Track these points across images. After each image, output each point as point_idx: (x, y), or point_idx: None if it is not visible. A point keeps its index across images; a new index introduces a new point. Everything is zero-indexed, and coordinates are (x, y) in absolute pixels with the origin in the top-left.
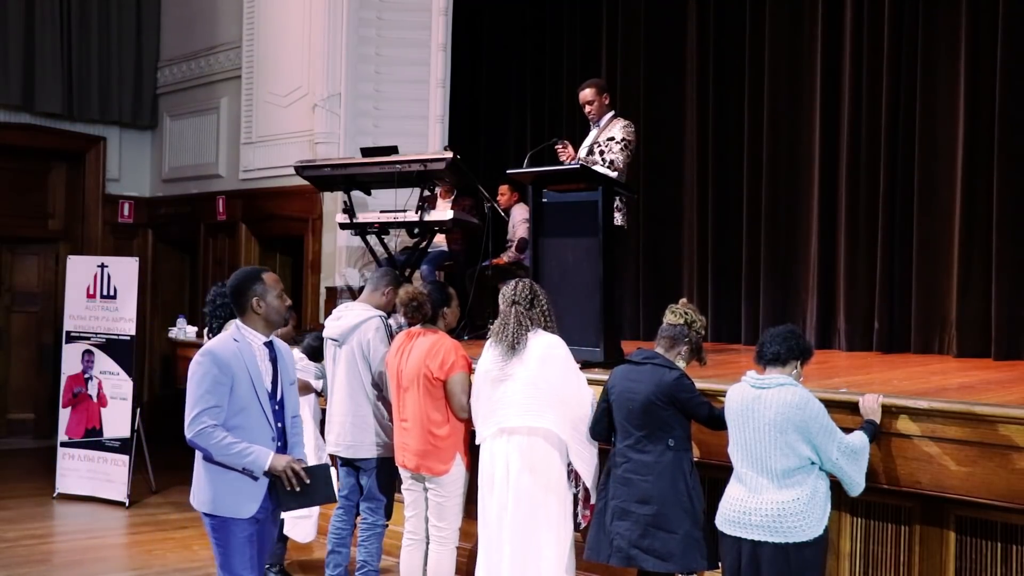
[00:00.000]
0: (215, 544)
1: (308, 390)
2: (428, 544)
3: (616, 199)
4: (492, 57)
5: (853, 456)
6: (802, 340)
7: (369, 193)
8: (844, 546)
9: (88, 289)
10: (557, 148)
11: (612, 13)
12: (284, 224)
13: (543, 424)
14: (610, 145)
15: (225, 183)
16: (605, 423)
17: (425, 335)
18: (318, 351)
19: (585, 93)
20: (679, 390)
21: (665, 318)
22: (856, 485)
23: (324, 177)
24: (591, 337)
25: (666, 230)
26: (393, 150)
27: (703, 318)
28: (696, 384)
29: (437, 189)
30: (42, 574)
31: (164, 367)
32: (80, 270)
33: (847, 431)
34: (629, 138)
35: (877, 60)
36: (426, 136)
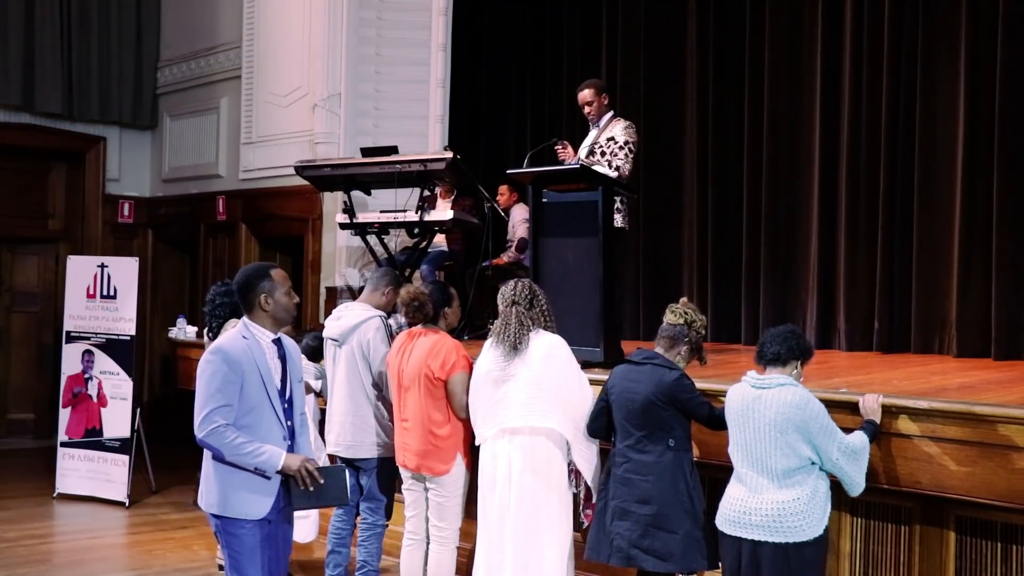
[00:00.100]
0: (225, 547)
1: (307, 390)
2: (428, 544)
3: (617, 200)
4: (492, 57)
5: (853, 456)
6: (802, 340)
7: (369, 193)
8: (844, 546)
9: (88, 289)
10: (557, 148)
11: (612, 13)
12: (284, 224)
13: (547, 424)
14: (611, 147)
15: (225, 183)
16: (603, 421)
17: (426, 335)
18: (317, 351)
19: (584, 94)
20: (679, 390)
21: (665, 318)
22: (856, 485)
23: (324, 177)
24: (591, 337)
25: (666, 230)
26: (393, 150)
27: (703, 318)
28: (696, 384)
29: (437, 189)
30: (42, 574)
31: (164, 367)
32: (80, 270)
33: (847, 431)
34: (631, 140)
35: (877, 60)
36: (426, 136)
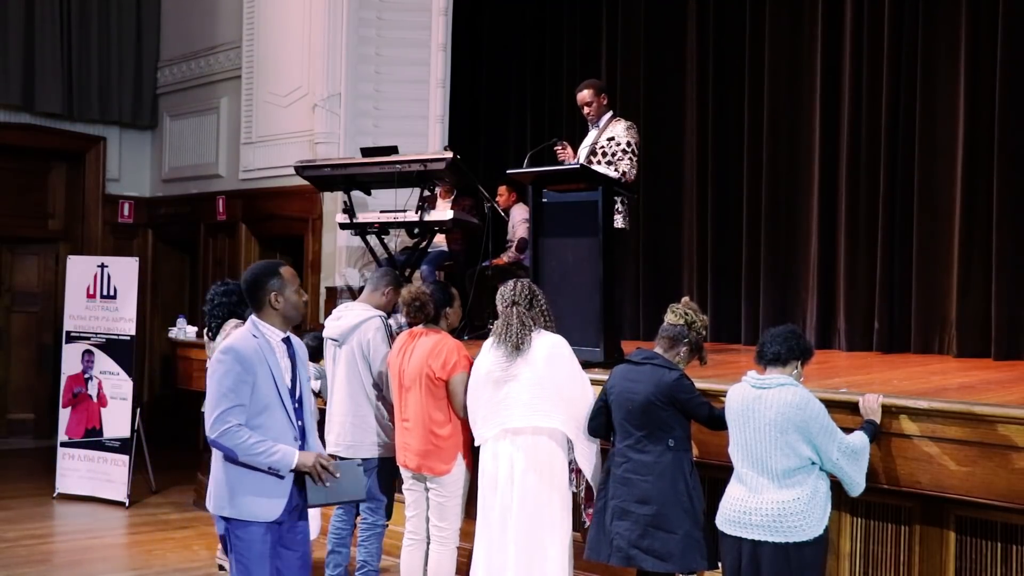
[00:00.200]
0: (233, 552)
1: None
2: (429, 544)
3: (617, 201)
4: (492, 57)
5: (853, 456)
6: (802, 340)
7: (369, 193)
8: (844, 546)
9: (88, 289)
10: (556, 149)
11: (612, 13)
12: (284, 224)
13: (551, 424)
14: (613, 148)
15: (225, 183)
16: (601, 420)
17: (427, 335)
18: (317, 351)
19: (583, 94)
20: (679, 390)
21: (666, 318)
22: (856, 485)
23: (324, 177)
24: (591, 337)
25: (666, 230)
26: (393, 150)
27: (705, 318)
28: (696, 384)
29: (437, 189)
30: (42, 574)
31: (164, 367)
32: (80, 270)
33: (847, 431)
34: (634, 141)
35: (877, 60)
36: (426, 136)
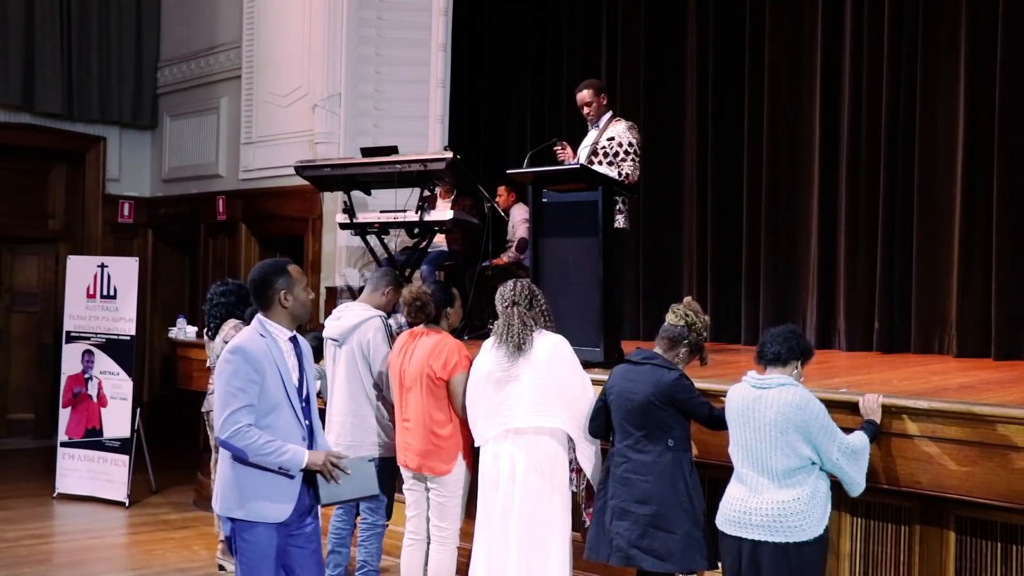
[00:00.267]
0: (239, 554)
1: None
2: (429, 544)
3: (619, 201)
4: (492, 57)
5: (853, 456)
6: (802, 340)
7: (369, 193)
8: (844, 546)
9: (88, 289)
10: (556, 149)
11: (612, 13)
12: (284, 224)
13: (555, 424)
14: (615, 148)
15: (225, 183)
16: (600, 420)
17: (428, 335)
18: (317, 351)
19: (583, 94)
20: (678, 390)
21: (667, 318)
22: (856, 485)
23: (324, 177)
24: (591, 337)
25: (666, 230)
26: (393, 150)
27: (706, 318)
28: (696, 384)
29: (437, 189)
30: (42, 574)
31: (164, 367)
32: (80, 270)
33: (847, 431)
34: (635, 141)
35: (877, 60)
36: (426, 136)
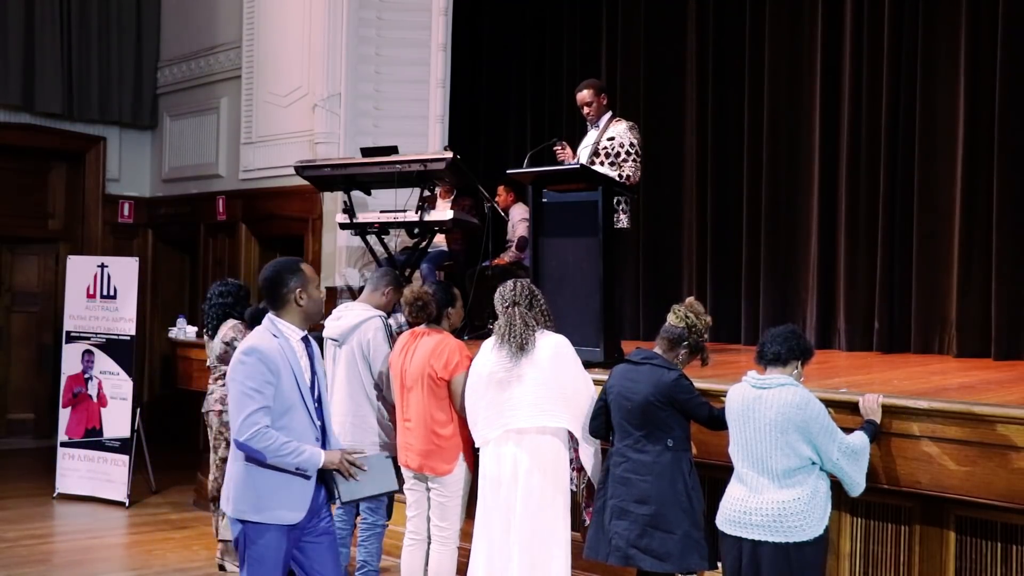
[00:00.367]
0: (247, 555)
1: None
2: (429, 544)
3: (622, 201)
4: (492, 57)
5: (853, 456)
6: (803, 340)
7: (369, 193)
8: (844, 546)
9: (88, 289)
10: (556, 149)
11: (612, 13)
12: (284, 224)
13: (559, 424)
14: (616, 148)
15: (225, 183)
16: (601, 420)
17: (429, 335)
18: None
19: (583, 94)
20: (677, 391)
21: (667, 318)
22: (856, 485)
23: (324, 177)
24: (591, 337)
25: (666, 230)
26: (393, 150)
27: (708, 319)
28: (696, 384)
29: (437, 189)
30: (42, 574)
31: (164, 367)
32: (80, 270)
33: (847, 431)
34: (636, 142)
35: (877, 60)
36: (426, 136)
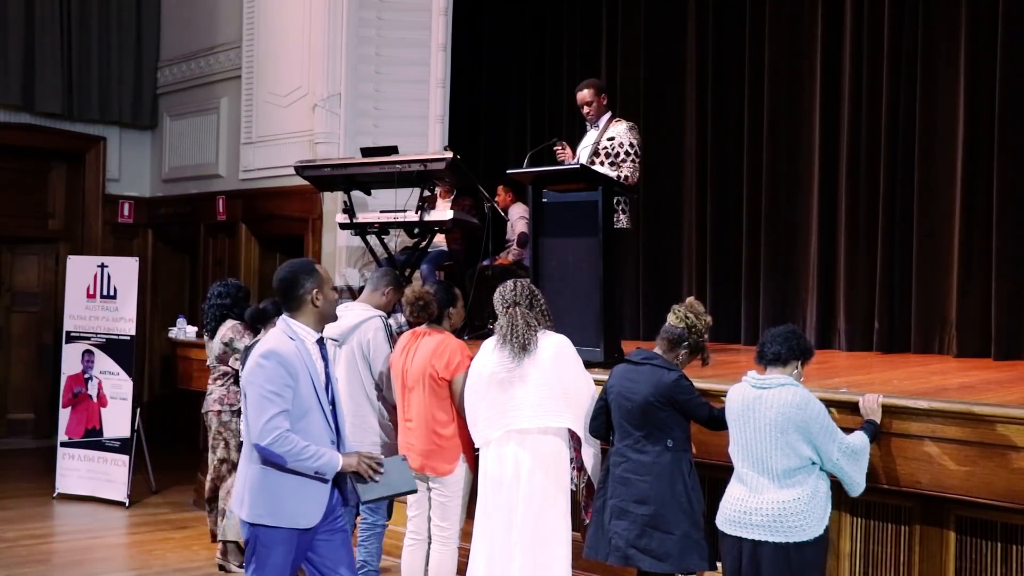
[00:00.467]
0: (255, 557)
1: None
2: (430, 544)
3: (622, 201)
4: (492, 57)
5: (853, 456)
6: (803, 340)
7: (369, 193)
8: (844, 546)
9: (88, 289)
10: (556, 149)
11: (612, 13)
12: (284, 224)
13: (561, 423)
14: (615, 148)
15: (225, 183)
16: (601, 420)
17: (431, 335)
18: None
19: (583, 94)
20: (677, 391)
21: (668, 318)
22: (856, 485)
23: (324, 177)
24: (591, 337)
25: (666, 230)
26: (393, 150)
27: (708, 319)
28: (696, 384)
29: (437, 189)
30: (42, 574)
31: (164, 367)
32: (80, 270)
33: (847, 431)
34: (636, 142)
35: (877, 60)
36: (426, 136)
